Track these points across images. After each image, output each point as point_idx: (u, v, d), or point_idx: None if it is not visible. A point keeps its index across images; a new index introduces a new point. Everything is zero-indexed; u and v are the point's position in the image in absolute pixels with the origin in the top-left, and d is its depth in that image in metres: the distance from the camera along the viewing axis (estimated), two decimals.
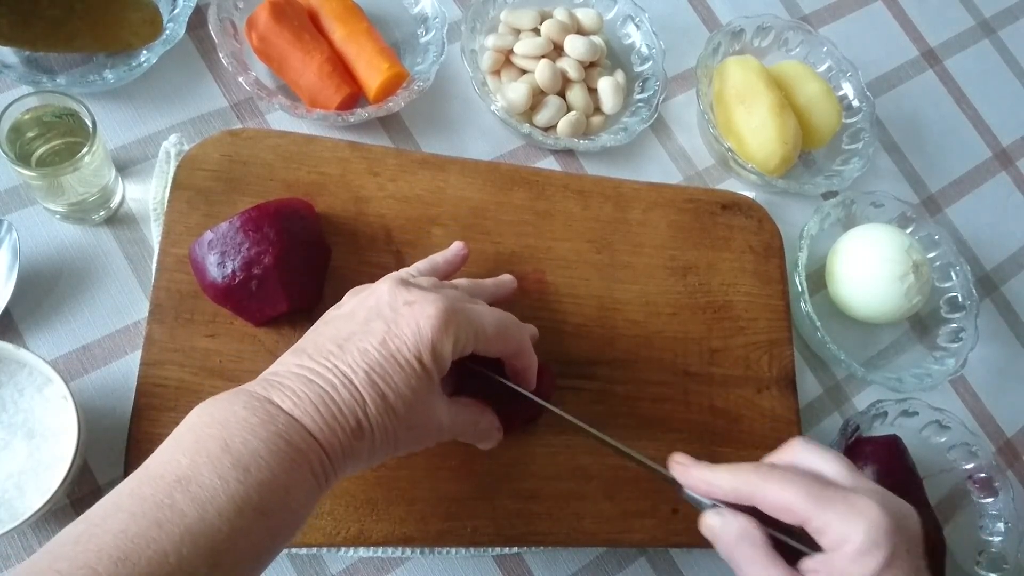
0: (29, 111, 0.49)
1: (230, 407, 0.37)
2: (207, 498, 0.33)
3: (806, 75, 0.71)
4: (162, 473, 0.34)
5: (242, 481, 0.34)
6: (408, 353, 0.40)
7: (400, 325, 0.40)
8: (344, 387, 0.38)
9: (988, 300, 0.74)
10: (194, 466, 0.34)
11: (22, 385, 0.46)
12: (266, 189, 0.54)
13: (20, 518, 0.42)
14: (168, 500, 0.33)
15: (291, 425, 0.37)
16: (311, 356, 0.40)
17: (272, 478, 0.35)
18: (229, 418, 0.36)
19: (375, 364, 0.39)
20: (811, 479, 0.40)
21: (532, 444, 0.53)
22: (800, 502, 0.39)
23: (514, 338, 0.45)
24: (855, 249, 0.65)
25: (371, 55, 0.61)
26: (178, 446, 0.36)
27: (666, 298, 0.60)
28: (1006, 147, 0.82)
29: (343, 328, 0.41)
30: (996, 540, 0.62)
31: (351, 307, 0.43)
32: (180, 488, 0.33)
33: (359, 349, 0.39)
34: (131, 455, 0.47)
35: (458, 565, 0.53)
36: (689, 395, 0.57)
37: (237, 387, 0.39)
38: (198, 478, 0.34)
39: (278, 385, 0.38)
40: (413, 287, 0.42)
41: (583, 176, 0.63)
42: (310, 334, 0.42)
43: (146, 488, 0.34)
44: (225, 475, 0.34)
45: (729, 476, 0.42)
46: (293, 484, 0.36)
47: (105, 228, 0.55)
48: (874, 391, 0.66)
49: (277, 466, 0.35)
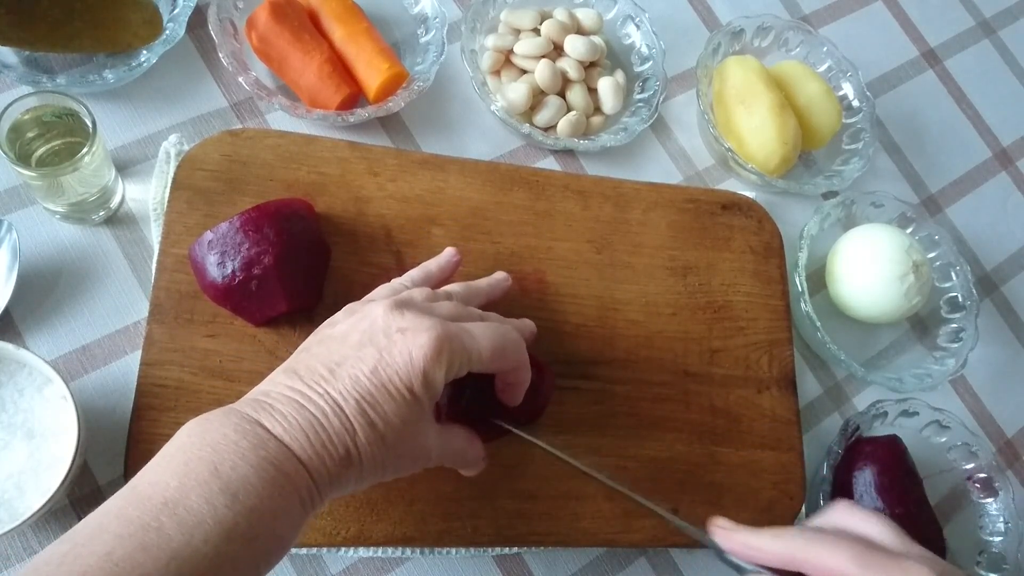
0: (29, 111, 0.49)
1: (221, 429, 0.36)
2: (194, 523, 0.33)
3: (806, 75, 0.71)
4: (150, 495, 0.34)
5: (230, 507, 0.34)
6: (399, 383, 0.39)
7: (392, 354, 0.40)
8: (335, 415, 0.38)
9: (988, 300, 0.74)
10: (182, 489, 0.34)
11: (22, 385, 0.46)
12: (266, 189, 0.54)
13: (20, 518, 0.42)
14: (155, 523, 0.33)
15: (281, 451, 0.36)
16: (302, 379, 0.39)
17: (260, 504, 0.35)
18: (219, 440, 0.36)
19: (366, 393, 0.39)
20: (860, 543, 0.39)
21: (532, 444, 0.53)
22: (851, 567, 0.38)
23: (511, 358, 0.44)
24: (855, 249, 0.65)
25: (371, 55, 0.61)
26: (167, 467, 0.35)
27: (666, 298, 0.60)
28: (1006, 147, 0.82)
29: (336, 351, 0.40)
30: (996, 540, 0.62)
31: (345, 328, 0.42)
32: (167, 511, 0.33)
33: (351, 376, 0.39)
34: (131, 455, 0.47)
35: (458, 565, 0.53)
36: (689, 395, 0.57)
37: (228, 405, 0.39)
38: (186, 502, 0.34)
39: (269, 408, 0.38)
40: (407, 310, 0.41)
41: (583, 176, 0.63)
42: (302, 353, 0.42)
43: (133, 509, 0.34)
44: (213, 500, 0.34)
45: (774, 541, 0.40)
46: (281, 511, 0.36)
47: (105, 228, 0.55)
48: (874, 391, 0.66)
49: (265, 493, 0.35)
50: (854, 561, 0.38)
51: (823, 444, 0.63)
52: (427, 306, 0.43)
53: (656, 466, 0.55)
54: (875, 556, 0.38)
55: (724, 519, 0.43)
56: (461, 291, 0.49)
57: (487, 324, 0.44)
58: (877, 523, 0.41)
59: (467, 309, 0.46)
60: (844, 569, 0.38)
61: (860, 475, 0.58)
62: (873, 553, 0.38)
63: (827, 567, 0.38)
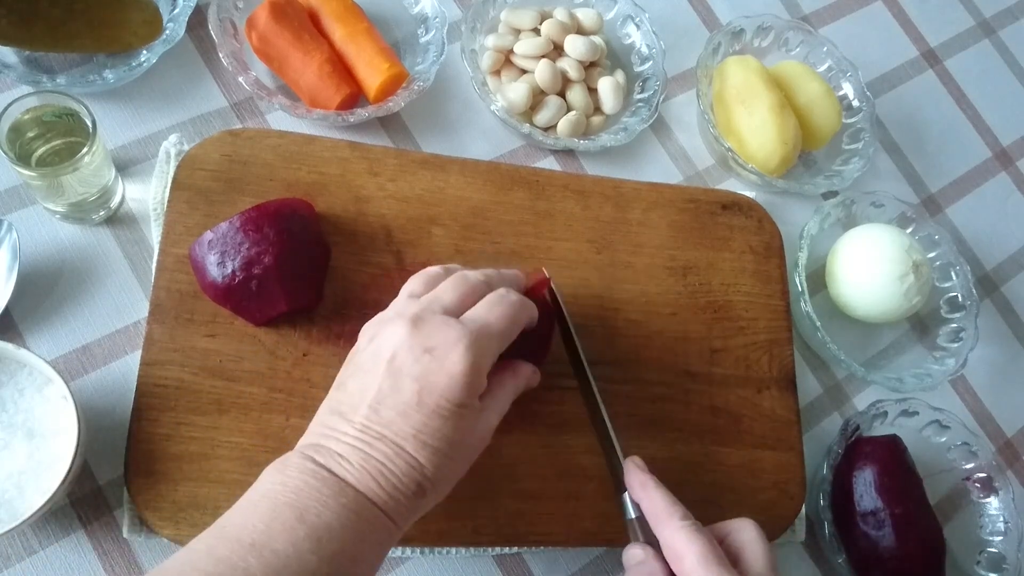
0: (29, 111, 0.49)
1: (301, 476, 0.38)
2: (280, 566, 0.34)
3: (806, 75, 0.71)
4: (238, 536, 0.35)
5: (314, 552, 0.35)
6: (448, 404, 0.40)
7: (430, 380, 0.40)
8: (398, 455, 0.39)
9: (988, 300, 0.74)
10: (269, 532, 0.35)
11: (22, 385, 0.46)
12: (266, 189, 0.54)
13: (20, 518, 0.42)
14: (243, 563, 0.34)
15: (358, 499, 0.38)
16: (352, 423, 0.40)
17: (342, 550, 0.36)
18: (302, 488, 0.37)
19: (421, 425, 0.39)
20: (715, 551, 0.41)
21: (533, 444, 0.53)
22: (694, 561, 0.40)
23: (522, 321, 0.45)
24: (855, 249, 0.65)
25: (371, 55, 0.61)
26: (255, 511, 0.37)
27: (666, 298, 0.60)
28: (1006, 147, 0.82)
29: (370, 386, 0.40)
30: (996, 540, 0.62)
31: (369, 357, 0.42)
32: (255, 553, 0.35)
33: (398, 413, 0.39)
34: (131, 455, 0.47)
35: (458, 565, 0.53)
36: (689, 395, 0.57)
37: (297, 450, 0.40)
38: (272, 544, 0.35)
39: (337, 456, 0.39)
40: (424, 323, 0.41)
41: (583, 176, 0.63)
42: (339, 391, 0.42)
43: (222, 549, 0.35)
44: (299, 545, 0.35)
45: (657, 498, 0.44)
46: (360, 555, 0.37)
47: (105, 228, 0.55)
48: (874, 391, 0.66)
49: (348, 539, 0.37)
50: (699, 559, 0.40)
51: (823, 444, 0.63)
52: (443, 318, 0.42)
53: (656, 466, 0.54)
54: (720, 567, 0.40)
55: (641, 460, 0.47)
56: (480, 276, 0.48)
57: (490, 300, 0.44)
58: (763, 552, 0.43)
59: (467, 283, 0.45)
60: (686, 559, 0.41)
61: (860, 475, 0.58)
62: (720, 564, 0.40)
63: (675, 549, 0.41)
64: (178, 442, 0.48)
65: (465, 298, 0.44)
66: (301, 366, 0.51)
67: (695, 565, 0.40)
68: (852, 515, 0.58)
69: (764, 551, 0.43)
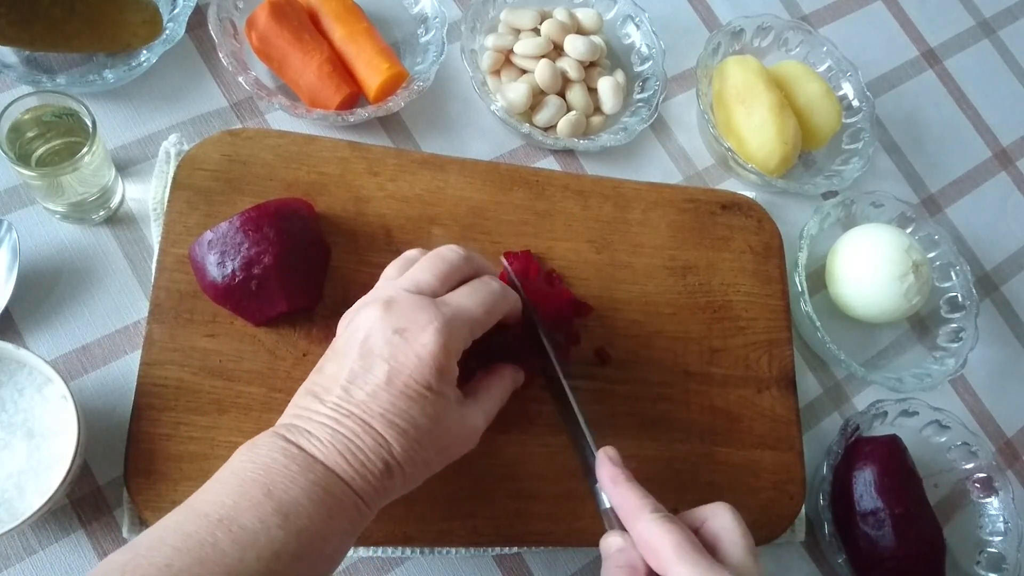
0: (29, 111, 0.49)
1: (270, 452, 0.38)
2: (248, 541, 0.35)
3: (806, 75, 0.71)
4: (207, 512, 0.36)
5: (282, 527, 0.36)
6: (416, 385, 0.40)
7: (400, 360, 0.40)
8: (365, 432, 0.39)
9: (988, 300, 0.74)
10: (237, 508, 0.36)
11: (22, 385, 0.46)
12: (266, 189, 0.54)
13: (20, 518, 0.42)
14: (211, 539, 0.34)
15: (327, 475, 0.38)
16: (323, 401, 0.40)
17: (310, 525, 0.36)
18: (270, 464, 0.37)
19: (388, 404, 0.39)
20: (690, 540, 0.40)
21: (532, 444, 0.53)
22: (670, 552, 0.39)
23: (500, 310, 0.45)
24: (855, 249, 0.65)
25: (371, 55, 0.61)
26: (223, 487, 0.37)
27: (666, 298, 0.60)
28: (1006, 147, 0.82)
29: (344, 367, 0.41)
30: (996, 540, 0.62)
31: (344, 342, 0.42)
32: (223, 528, 0.35)
33: (368, 393, 0.40)
34: (131, 455, 0.47)
35: (458, 565, 0.53)
36: (689, 395, 0.57)
37: (270, 429, 0.40)
38: (240, 520, 0.35)
39: (306, 433, 0.39)
40: (396, 304, 0.42)
41: (583, 176, 0.63)
42: (316, 373, 0.43)
43: (191, 525, 0.35)
44: (267, 520, 0.36)
45: (630, 493, 0.43)
46: (330, 532, 0.37)
47: (105, 228, 0.55)
48: (874, 391, 0.66)
49: (316, 514, 0.37)
50: (675, 550, 0.39)
51: (823, 444, 0.63)
52: (416, 298, 0.42)
53: (656, 466, 0.55)
54: (698, 555, 0.39)
55: (615, 451, 0.45)
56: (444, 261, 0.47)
57: (472, 286, 0.44)
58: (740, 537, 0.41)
59: (444, 261, 0.45)
60: (662, 551, 0.39)
61: (860, 475, 0.58)
62: (698, 552, 0.39)
63: (650, 543, 0.40)
64: (178, 442, 0.48)
65: (443, 277, 0.44)
66: (301, 366, 0.51)
67: (671, 557, 0.39)
68: (852, 515, 0.58)
69: (741, 536, 0.41)
